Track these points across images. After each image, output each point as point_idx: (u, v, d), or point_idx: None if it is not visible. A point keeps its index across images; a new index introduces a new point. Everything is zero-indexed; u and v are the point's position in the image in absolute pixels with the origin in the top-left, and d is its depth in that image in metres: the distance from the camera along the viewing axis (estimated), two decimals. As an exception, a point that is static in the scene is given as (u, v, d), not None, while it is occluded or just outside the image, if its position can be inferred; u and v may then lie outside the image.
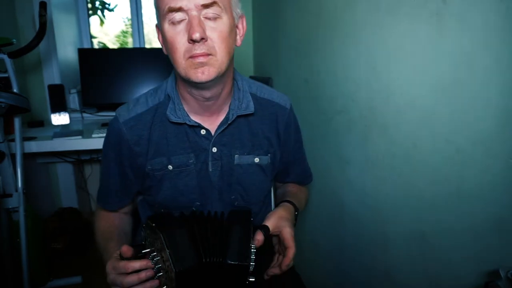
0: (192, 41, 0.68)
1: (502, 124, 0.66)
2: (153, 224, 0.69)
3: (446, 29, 0.76)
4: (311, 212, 1.52)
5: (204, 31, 0.68)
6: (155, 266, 0.68)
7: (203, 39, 0.68)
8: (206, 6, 0.68)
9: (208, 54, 0.69)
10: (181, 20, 0.69)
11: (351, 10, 1.11)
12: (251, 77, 2.27)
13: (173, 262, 0.64)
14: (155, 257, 0.68)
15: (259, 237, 0.75)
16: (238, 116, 0.84)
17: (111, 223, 0.90)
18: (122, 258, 0.69)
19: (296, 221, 0.89)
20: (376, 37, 0.99)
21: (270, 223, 0.80)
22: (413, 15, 0.85)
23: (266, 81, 1.89)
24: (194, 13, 0.68)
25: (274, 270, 0.80)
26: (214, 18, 0.69)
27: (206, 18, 0.69)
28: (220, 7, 0.69)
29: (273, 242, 0.85)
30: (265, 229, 0.78)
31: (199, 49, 0.68)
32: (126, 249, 0.68)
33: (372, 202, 1.09)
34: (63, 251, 2.07)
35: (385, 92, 0.98)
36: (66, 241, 2.08)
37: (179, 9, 0.68)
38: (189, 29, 0.67)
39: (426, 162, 0.85)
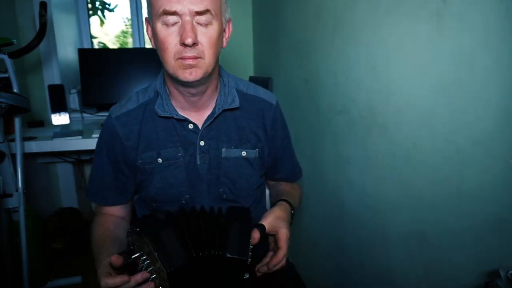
0: (184, 44, 0.71)
1: (502, 124, 0.66)
2: (137, 229, 0.69)
3: (446, 29, 0.76)
4: (311, 211, 1.52)
5: (196, 36, 0.72)
6: (146, 270, 0.67)
7: (194, 44, 0.72)
8: (199, 13, 0.71)
9: (197, 57, 0.74)
10: (175, 23, 0.72)
11: (351, 10, 1.11)
12: (251, 77, 2.27)
13: (163, 264, 0.64)
14: (145, 261, 0.68)
15: (256, 235, 0.75)
16: (224, 110, 0.87)
17: (107, 228, 0.90)
18: (113, 267, 0.69)
19: (292, 220, 0.90)
20: (376, 37, 0.99)
21: (267, 222, 0.80)
22: (413, 15, 0.85)
23: (266, 81, 1.89)
24: (187, 18, 0.71)
25: (262, 268, 0.81)
26: (206, 25, 0.73)
27: (197, 23, 0.73)
28: (212, 14, 0.73)
29: (269, 240, 0.85)
30: (261, 228, 0.78)
31: (189, 52, 0.73)
32: (116, 259, 0.67)
33: (372, 202, 1.09)
34: (63, 251, 2.07)
35: (385, 92, 0.98)
36: (66, 241, 2.09)
37: (174, 13, 0.71)
38: (182, 33, 0.71)
39: (426, 162, 0.85)
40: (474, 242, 0.75)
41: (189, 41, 0.70)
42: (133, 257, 0.69)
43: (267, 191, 1.12)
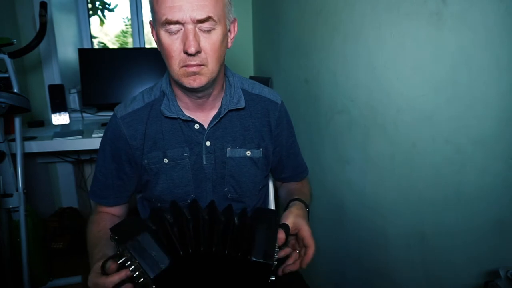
0: (187, 53, 0.72)
1: (502, 124, 0.66)
2: (116, 237, 0.68)
3: (446, 29, 0.76)
4: (311, 212, 1.52)
5: (198, 44, 0.72)
6: (134, 274, 0.67)
7: (198, 52, 0.72)
8: (201, 21, 0.71)
9: (201, 65, 0.74)
10: (177, 31, 0.73)
11: (351, 9, 1.11)
12: (251, 77, 2.27)
13: (146, 271, 0.63)
14: (131, 266, 0.67)
15: (281, 235, 0.75)
16: (230, 111, 0.88)
17: (102, 227, 0.89)
18: (104, 272, 0.69)
19: (308, 217, 0.88)
20: (376, 37, 0.99)
21: (290, 221, 0.80)
22: (413, 15, 0.85)
23: (266, 81, 1.89)
24: (190, 26, 0.71)
25: (292, 267, 0.80)
26: (208, 31, 0.73)
27: (200, 30, 0.73)
28: (214, 20, 0.73)
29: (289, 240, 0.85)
30: (286, 228, 0.77)
31: (193, 60, 0.73)
32: (114, 267, 0.68)
33: (372, 203, 1.09)
34: (63, 251, 2.07)
35: (385, 92, 0.98)
36: (66, 241, 2.09)
37: (176, 22, 0.71)
38: (185, 42, 0.71)
39: (426, 163, 0.85)
40: (474, 242, 0.75)
41: (192, 50, 0.70)
42: (119, 262, 0.69)
43: (271, 194, 1.12)
